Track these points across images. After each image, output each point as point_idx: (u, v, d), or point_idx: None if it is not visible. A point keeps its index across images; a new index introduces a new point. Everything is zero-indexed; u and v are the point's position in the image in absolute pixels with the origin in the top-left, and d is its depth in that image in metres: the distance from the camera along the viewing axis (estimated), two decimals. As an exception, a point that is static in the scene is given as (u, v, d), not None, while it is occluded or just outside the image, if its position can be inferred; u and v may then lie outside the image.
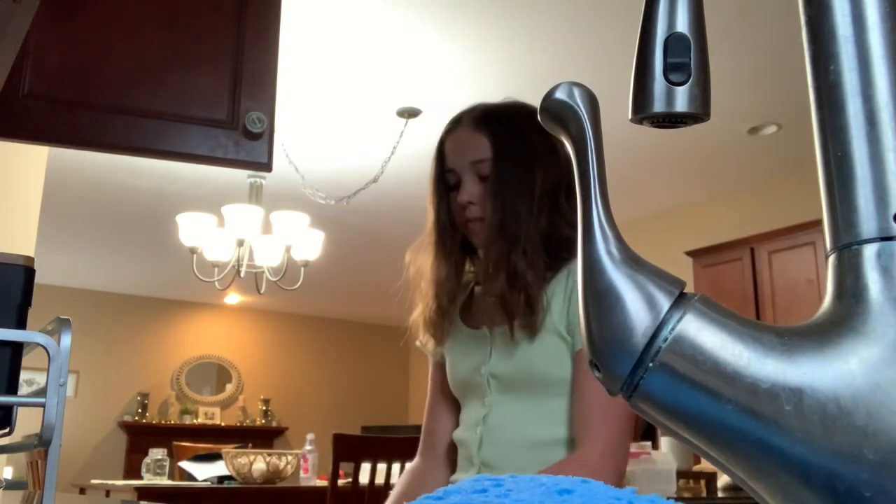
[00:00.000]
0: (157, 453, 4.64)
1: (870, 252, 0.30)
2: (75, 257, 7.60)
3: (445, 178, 1.36)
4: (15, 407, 0.66)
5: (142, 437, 8.40)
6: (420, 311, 1.38)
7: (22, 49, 0.99)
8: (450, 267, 1.36)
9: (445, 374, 1.40)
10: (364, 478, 3.22)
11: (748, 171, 5.31)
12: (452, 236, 1.36)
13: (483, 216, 1.30)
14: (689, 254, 5.35)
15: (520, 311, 1.25)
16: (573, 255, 1.29)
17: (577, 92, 0.35)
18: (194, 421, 8.99)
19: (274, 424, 9.17)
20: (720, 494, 3.45)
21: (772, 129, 4.66)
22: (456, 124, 1.37)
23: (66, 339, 0.64)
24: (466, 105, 1.41)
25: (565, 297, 1.27)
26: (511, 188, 1.30)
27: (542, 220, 1.29)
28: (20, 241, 4.44)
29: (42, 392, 0.62)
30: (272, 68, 1.37)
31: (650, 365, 0.32)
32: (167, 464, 4.63)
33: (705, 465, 3.55)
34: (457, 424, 1.38)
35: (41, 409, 0.62)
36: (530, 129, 1.32)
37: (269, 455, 4.06)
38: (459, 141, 1.35)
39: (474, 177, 1.31)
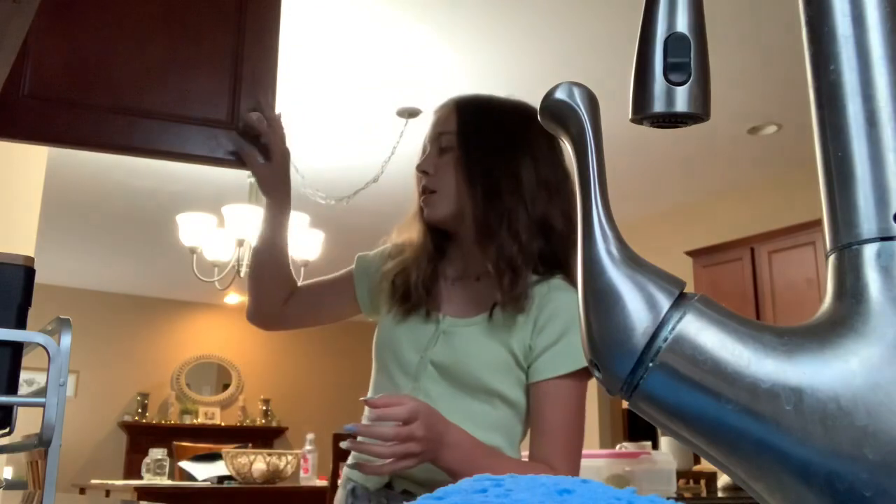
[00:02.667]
0: (157, 453, 4.64)
1: (870, 252, 0.30)
2: (75, 257, 7.60)
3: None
4: (15, 407, 0.66)
5: (142, 437, 8.40)
6: (410, 271, 1.30)
7: (22, 49, 0.99)
8: (426, 242, 1.31)
9: (353, 284, 1.39)
10: (364, 478, 3.22)
11: (748, 171, 5.31)
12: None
13: (435, 188, 1.26)
14: (689, 254, 5.35)
15: (505, 286, 1.18)
16: (561, 266, 1.24)
17: (577, 92, 0.35)
18: (194, 421, 8.99)
19: (274, 424, 9.17)
20: (720, 494, 3.45)
21: (772, 129, 4.66)
22: (437, 109, 1.35)
23: (66, 339, 0.64)
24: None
25: (531, 316, 1.21)
26: (484, 157, 1.25)
27: (537, 208, 1.22)
28: (20, 241, 4.44)
29: (42, 392, 0.62)
30: (272, 68, 1.37)
31: (650, 365, 0.32)
32: (167, 464, 4.63)
33: (705, 465, 3.55)
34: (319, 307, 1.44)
35: (41, 409, 0.62)
36: (512, 118, 1.28)
37: (269, 455, 4.06)
38: (435, 118, 1.33)
39: (436, 149, 1.29)
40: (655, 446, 3.57)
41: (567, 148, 0.36)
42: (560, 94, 0.36)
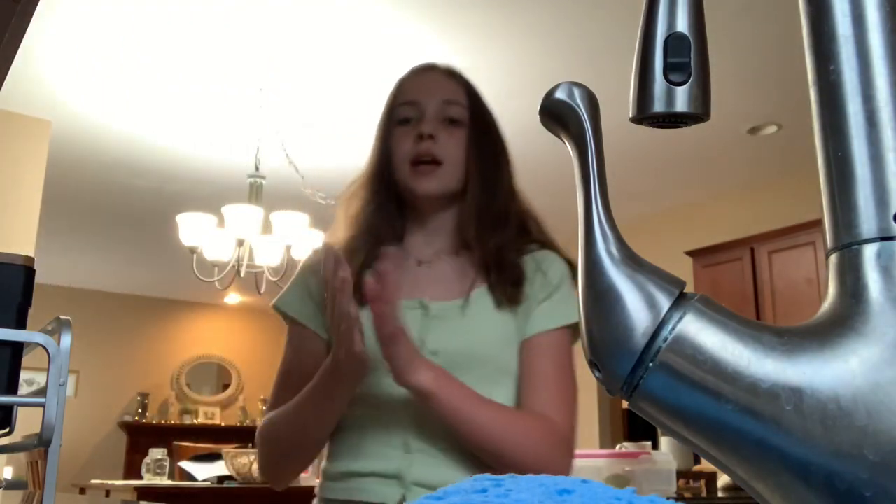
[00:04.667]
0: (157, 453, 4.64)
1: (870, 252, 0.30)
2: (75, 257, 7.60)
3: (395, 113, 1.21)
4: (15, 407, 0.66)
5: (142, 437, 8.41)
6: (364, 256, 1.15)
7: None
8: (385, 217, 1.18)
9: (316, 351, 1.16)
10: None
11: (748, 171, 5.31)
12: (389, 183, 1.19)
13: (441, 159, 1.14)
14: (689, 254, 5.35)
15: (506, 272, 1.12)
16: (536, 243, 1.19)
17: (577, 92, 0.35)
18: (194, 421, 8.99)
19: (274, 424, 9.17)
20: (720, 494, 3.45)
21: (772, 129, 4.66)
22: (425, 69, 1.26)
23: (66, 339, 0.64)
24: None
25: (531, 279, 1.14)
26: (491, 146, 1.19)
27: (519, 194, 1.21)
28: (20, 241, 4.43)
29: (42, 392, 0.62)
30: None
31: (650, 365, 0.32)
32: (167, 464, 4.63)
33: (705, 465, 3.55)
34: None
35: (41, 409, 0.62)
36: (495, 118, 1.25)
37: (269, 455, 4.05)
38: (431, 80, 1.23)
39: (441, 115, 1.17)
40: (655, 446, 3.57)
41: (567, 148, 0.36)
42: (560, 94, 0.36)
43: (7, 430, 0.67)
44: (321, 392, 1.06)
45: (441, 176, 1.15)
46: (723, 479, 3.46)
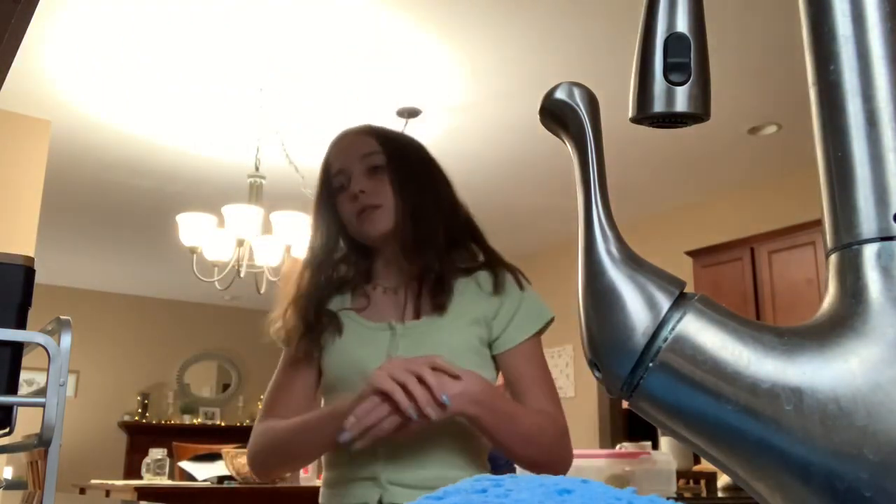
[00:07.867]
0: (157, 453, 4.64)
1: (870, 252, 0.30)
2: (75, 257, 7.60)
3: (331, 185, 1.37)
4: (15, 407, 0.66)
5: (142, 437, 8.41)
6: (293, 304, 1.34)
7: None
8: (328, 257, 1.37)
9: (308, 373, 1.37)
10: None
11: (748, 171, 5.30)
12: (334, 246, 1.38)
13: (379, 203, 1.32)
14: (689, 254, 5.34)
15: (430, 285, 1.29)
16: (478, 265, 1.35)
17: (577, 92, 0.35)
18: (194, 421, 8.99)
19: (274, 424, 9.16)
20: (720, 494, 3.45)
21: (772, 129, 4.66)
22: (342, 137, 1.41)
23: (66, 339, 0.64)
24: (466, 105, 1.40)
25: (482, 293, 1.31)
26: (411, 176, 1.34)
27: (452, 219, 1.34)
28: (20, 241, 4.43)
29: (42, 392, 0.62)
30: None
31: (650, 365, 0.32)
32: (167, 464, 4.63)
33: (705, 465, 3.55)
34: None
35: (41, 409, 0.62)
36: (418, 146, 1.41)
37: (269, 455, 4.04)
38: (348, 144, 1.38)
39: (364, 169, 1.34)
40: (655, 446, 3.57)
41: (567, 148, 0.36)
42: (560, 94, 0.36)
43: (7, 430, 0.67)
44: (314, 426, 1.26)
45: (381, 217, 1.32)
46: (723, 479, 3.46)
